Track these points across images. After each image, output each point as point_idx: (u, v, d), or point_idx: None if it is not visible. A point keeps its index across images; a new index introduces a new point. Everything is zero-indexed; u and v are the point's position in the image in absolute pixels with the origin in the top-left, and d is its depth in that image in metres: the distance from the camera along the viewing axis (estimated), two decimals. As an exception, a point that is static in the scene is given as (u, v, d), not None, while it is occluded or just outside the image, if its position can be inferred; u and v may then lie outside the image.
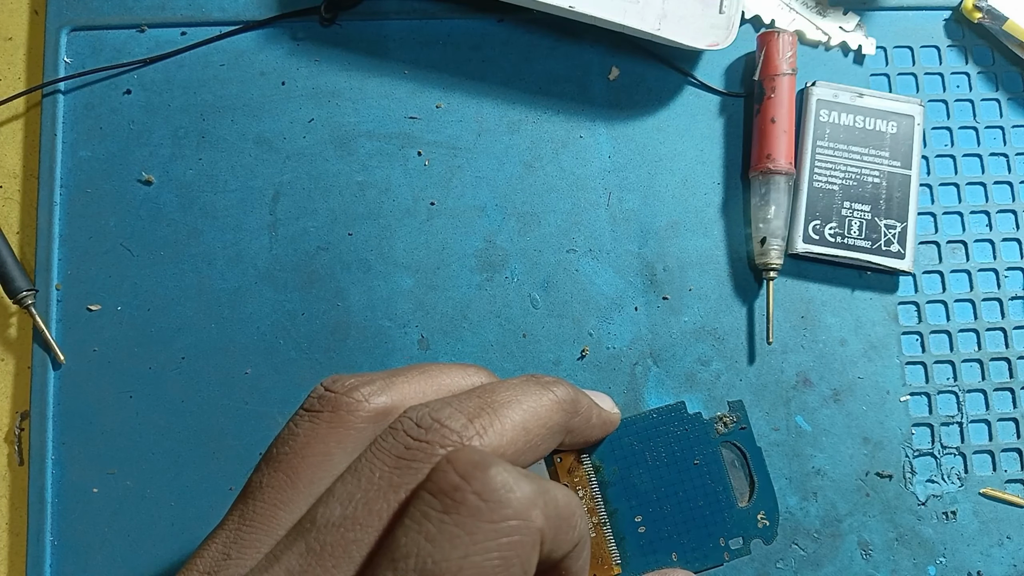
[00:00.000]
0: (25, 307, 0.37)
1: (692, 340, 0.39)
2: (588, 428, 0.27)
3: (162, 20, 0.41)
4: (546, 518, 0.19)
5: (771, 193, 0.38)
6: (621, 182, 0.40)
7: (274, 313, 0.38)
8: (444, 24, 0.41)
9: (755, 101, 0.40)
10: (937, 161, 0.41)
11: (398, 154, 0.40)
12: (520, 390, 0.24)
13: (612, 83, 0.41)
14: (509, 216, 0.40)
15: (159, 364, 0.38)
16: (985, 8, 0.41)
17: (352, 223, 0.39)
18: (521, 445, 0.22)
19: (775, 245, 0.38)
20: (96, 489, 0.37)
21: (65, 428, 0.37)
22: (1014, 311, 0.40)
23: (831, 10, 0.42)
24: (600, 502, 0.29)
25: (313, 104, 0.40)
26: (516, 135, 0.40)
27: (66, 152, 0.40)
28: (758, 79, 0.40)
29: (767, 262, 0.38)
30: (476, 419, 0.22)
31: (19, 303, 0.37)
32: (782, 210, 0.38)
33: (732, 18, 0.39)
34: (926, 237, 0.40)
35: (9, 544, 0.37)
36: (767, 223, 0.38)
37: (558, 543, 0.20)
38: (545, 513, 0.19)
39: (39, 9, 0.42)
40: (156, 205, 0.39)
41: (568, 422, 0.25)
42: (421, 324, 0.38)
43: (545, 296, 0.39)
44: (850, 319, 0.39)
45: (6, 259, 0.38)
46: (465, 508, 0.18)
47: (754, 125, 0.40)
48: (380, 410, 0.23)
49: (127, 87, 0.40)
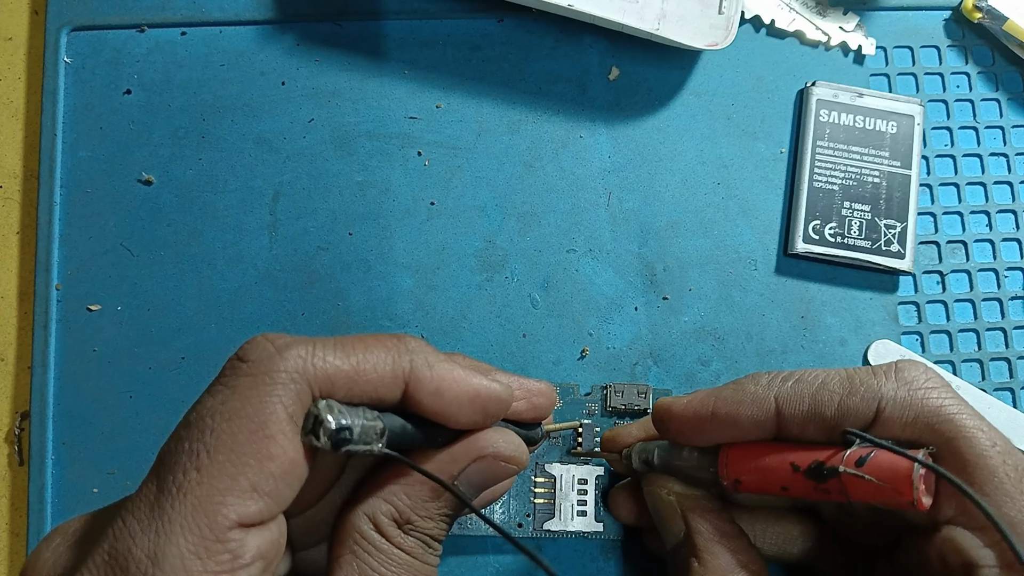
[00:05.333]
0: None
1: (692, 340, 0.39)
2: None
3: (162, 20, 0.41)
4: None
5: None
6: (621, 182, 0.40)
7: (274, 313, 0.38)
8: (444, 24, 0.41)
9: (817, 475, 0.27)
10: (937, 161, 0.41)
11: (398, 154, 0.40)
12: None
13: (612, 83, 0.41)
14: (509, 216, 0.40)
15: (159, 364, 0.38)
16: (985, 8, 0.41)
17: (352, 223, 0.39)
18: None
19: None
20: (96, 489, 0.37)
21: (65, 428, 0.37)
22: (1014, 311, 0.40)
23: (831, 10, 0.42)
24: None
25: (313, 104, 0.40)
26: (516, 135, 0.40)
27: (66, 152, 0.40)
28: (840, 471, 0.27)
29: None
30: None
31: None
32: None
33: (731, 18, 0.39)
34: (926, 237, 0.40)
35: (9, 544, 0.37)
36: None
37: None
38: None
39: (39, 9, 0.42)
40: (156, 205, 0.39)
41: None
42: (421, 324, 0.38)
43: (545, 296, 0.39)
44: (850, 319, 0.39)
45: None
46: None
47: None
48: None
49: (127, 87, 0.40)
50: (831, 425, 0.27)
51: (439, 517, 0.26)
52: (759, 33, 0.42)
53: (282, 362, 0.22)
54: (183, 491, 0.21)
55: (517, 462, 0.27)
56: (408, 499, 0.25)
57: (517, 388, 0.29)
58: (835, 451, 0.27)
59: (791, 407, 0.27)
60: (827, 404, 0.27)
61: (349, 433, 0.22)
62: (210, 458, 0.21)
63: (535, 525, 0.35)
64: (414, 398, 0.24)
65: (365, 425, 0.23)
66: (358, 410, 0.23)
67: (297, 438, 0.22)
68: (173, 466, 0.21)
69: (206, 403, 0.22)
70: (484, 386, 0.25)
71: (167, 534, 0.20)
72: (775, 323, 0.39)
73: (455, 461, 0.26)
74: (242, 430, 0.21)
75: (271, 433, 0.22)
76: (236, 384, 0.22)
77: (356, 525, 0.25)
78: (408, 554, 0.25)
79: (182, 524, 0.20)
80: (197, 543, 0.20)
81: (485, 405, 0.25)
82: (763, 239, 0.40)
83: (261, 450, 0.21)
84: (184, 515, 0.20)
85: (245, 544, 0.21)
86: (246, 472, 0.21)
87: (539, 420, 0.31)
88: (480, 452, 0.26)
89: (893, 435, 0.26)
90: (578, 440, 0.36)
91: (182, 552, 0.20)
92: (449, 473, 0.26)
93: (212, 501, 0.21)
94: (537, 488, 0.36)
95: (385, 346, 0.24)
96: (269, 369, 0.22)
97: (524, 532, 0.35)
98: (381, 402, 0.24)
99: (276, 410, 0.22)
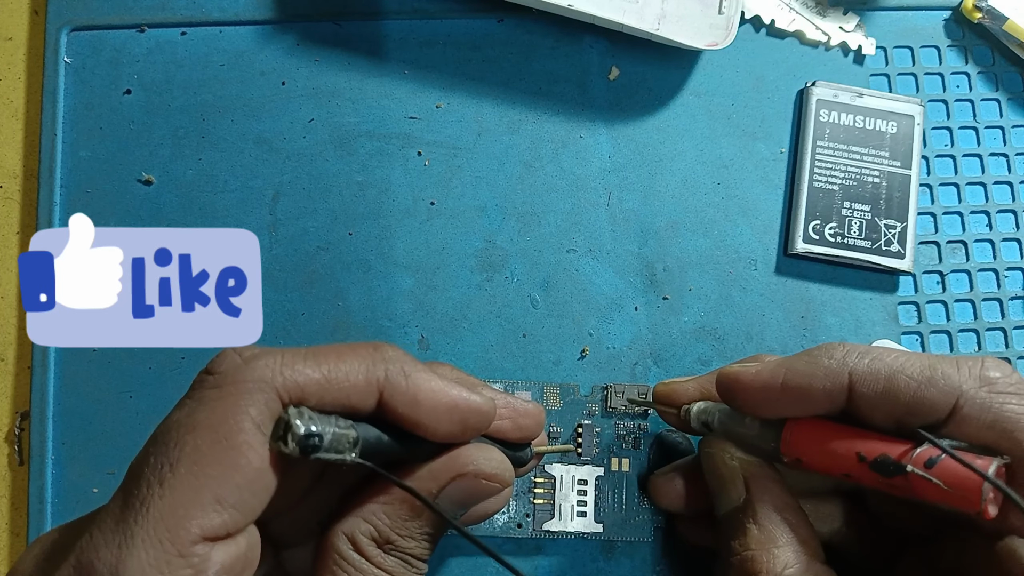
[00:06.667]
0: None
1: (692, 340, 0.39)
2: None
3: (162, 20, 0.41)
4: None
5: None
6: (621, 182, 0.40)
7: (274, 313, 0.38)
8: (444, 24, 0.41)
9: (886, 472, 0.26)
10: (937, 161, 0.41)
11: (398, 154, 0.40)
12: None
13: (612, 83, 0.41)
14: (509, 216, 0.40)
15: (159, 364, 0.38)
16: (985, 8, 0.41)
17: (352, 223, 0.39)
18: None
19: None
20: (96, 489, 0.37)
21: (65, 428, 0.37)
22: (1014, 311, 0.40)
23: (831, 10, 0.42)
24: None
25: (313, 104, 0.40)
26: (516, 135, 0.40)
27: (66, 152, 0.40)
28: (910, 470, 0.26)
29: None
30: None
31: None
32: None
33: (731, 18, 0.39)
34: (926, 237, 0.40)
35: (9, 544, 0.37)
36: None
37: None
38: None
39: (39, 9, 0.42)
40: (156, 205, 0.39)
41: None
42: (421, 324, 0.38)
43: (545, 296, 0.39)
44: (850, 319, 0.39)
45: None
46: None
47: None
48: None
49: (127, 87, 0.40)
50: (904, 412, 0.26)
51: (420, 536, 0.25)
52: (759, 33, 0.42)
53: (249, 372, 0.22)
54: (146, 505, 0.21)
55: (500, 480, 0.26)
56: (388, 519, 0.25)
57: (503, 406, 0.28)
58: (904, 445, 0.26)
59: (866, 386, 0.26)
60: (903, 390, 0.26)
61: (319, 440, 0.22)
62: (173, 472, 0.21)
63: (535, 525, 0.35)
64: (389, 407, 0.24)
65: (337, 433, 0.23)
66: (331, 418, 0.23)
67: (264, 448, 0.22)
68: (138, 480, 0.21)
69: (173, 417, 0.22)
70: (463, 398, 0.25)
71: (129, 548, 0.20)
72: (775, 323, 0.39)
73: (435, 478, 0.25)
74: (206, 441, 0.21)
75: (236, 444, 0.21)
76: (202, 396, 0.22)
77: (335, 545, 0.24)
78: (389, 574, 0.25)
79: (143, 538, 0.20)
80: (159, 557, 0.20)
81: (464, 417, 0.25)
82: (763, 239, 0.40)
83: (225, 460, 0.21)
84: (147, 529, 0.20)
85: (209, 558, 0.21)
86: (210, 484, 0.21)
87: (526, 440, 0.30)
88: (461, 469, 0.25)
89: (969, 436, 0.25)
90: (578, 440, 0.36)
91: (143, 566, 0.20)
92: (428, 490, 0.25)
93: (175, 515, 0.21)
94: (537, 488, 0.36)
95: (359, 355, 0.24)
96: (235, 379, 0.22)
97: (524, 532, 0.35)
98: (355, 411, 0.24)
99: (241, 420, 0.22)
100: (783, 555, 0.27)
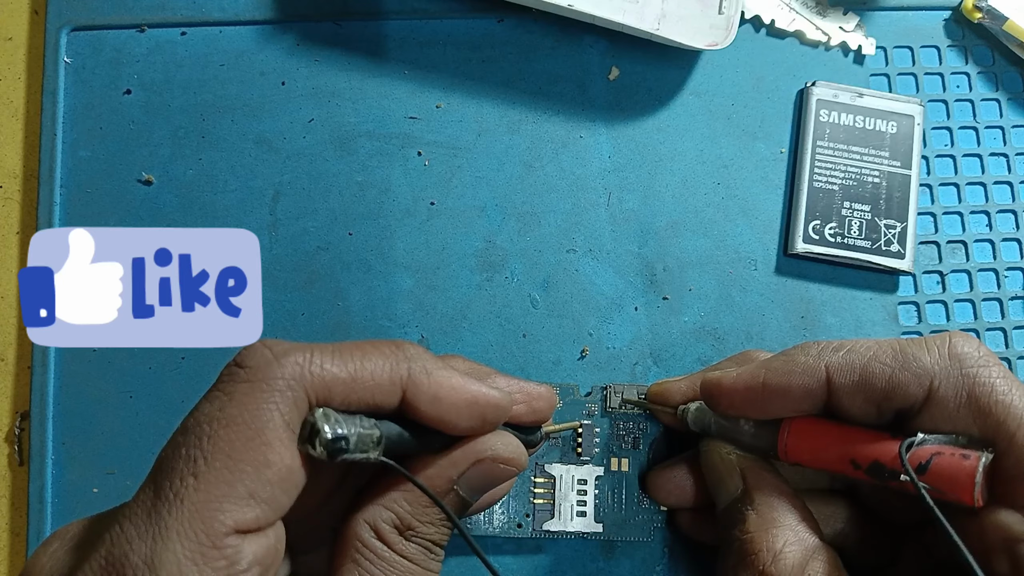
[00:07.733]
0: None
1: (692, 340, 0.39)
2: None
3: (162, 20, 0.41)
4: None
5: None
6: (621, 182, 0.40)
7: (274, 313, 0.38)
8: (444, 24, 0.41)
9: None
10: (937, 161, 0.41)
11: (398, 154, 0.40)
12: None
13: (612, 83, 0.41)
14: (509, 216, 0.40)
15: (159, 364, 0.38)
16: (985, 8, 0.41)
17: (352, 223, 0.39)
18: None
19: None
20: (96, 489, 0.37)
21: (65, 428, 0.37)
22: (1014, 311, 0.40)
23: (831, 10, 0.42)
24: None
25: (313, 104, 0.40)
26: (516, 135, 0.40)
27: (66, 152, 0.40)
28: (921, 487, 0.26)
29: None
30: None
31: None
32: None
33: (731, 18, 0.39)
34: (926, 237, 0.40)
35: (9, 544, 0.37)
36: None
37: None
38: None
39: (39, 9, 0.42)
40: (156, 205, 0.39)
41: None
42: (421, 324, 0.38)
43: (545, 296, 0.39)
44: (850, 319, 0.39)
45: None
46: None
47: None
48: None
49: (127, 87, 0.40)
50: (882, 398, 0.27)
51: (440, 522, 0.26)
52: (759, 33, 0.42)
53: (280, 369, 0.22)
54: (180, 497, 0.21)
55: (516, 464, 0.27)
56: (409, 505, 0.25)
57: (517, 392, 0.29)
58: (894, 442, 0.27)
59: (843, 377, 0.27)
60: (878, 376, 0.27)
61: (345, 443, 0.22)
62: (207, 464, 0.21)
63: (534, 525, 0.35)
64: (412, 405, 0.24)
65: (362, 434, 0.23)
66: (355, 418, 0.23)
67: (294, 445, 0.22)
68: (170, 472, 0.21)
69: (203, 409, 0.22)
70: (483, 393, 0.25)
71: (164, 540, 0.20)
72: (775, 323, 0.39)
73: (455, 465, 0.26)
74: (239, 437, 0.21)
75: (268, 440, 0.22)
76: (233, 391, 0.22)
77: (358, 533, 0.25)
78: (410, 560, 0.25)
79: (179, 530, 0.20)
80: (194, 549, 0.20)
81: (484, 412, 0.26)
82: (763, 239, 0.40)
83: (258, 457, 0.21)
84: (181, 521, 0.20)
85: (242, 550, 0.21)
86: (243, 479, 0.21)
87: (539, 423, 0.31)
88: (479, 455, 0.26)
89: (949, 416, 0.26)
90: (578, 440, 0.36)
91: (179, 558, 0.20)
92: (449, 477, 0.26)
93: (209, 507, 0.21)
94: (537, 488, 0.36)
95: (383, 353, 0.24)
96: (267, 376, 0.22)
97: (524, 532, 0.35)
98: (379, 409, 0.24)
99: (273, 417, 0.22)
100: (782, 534, 0.28)
